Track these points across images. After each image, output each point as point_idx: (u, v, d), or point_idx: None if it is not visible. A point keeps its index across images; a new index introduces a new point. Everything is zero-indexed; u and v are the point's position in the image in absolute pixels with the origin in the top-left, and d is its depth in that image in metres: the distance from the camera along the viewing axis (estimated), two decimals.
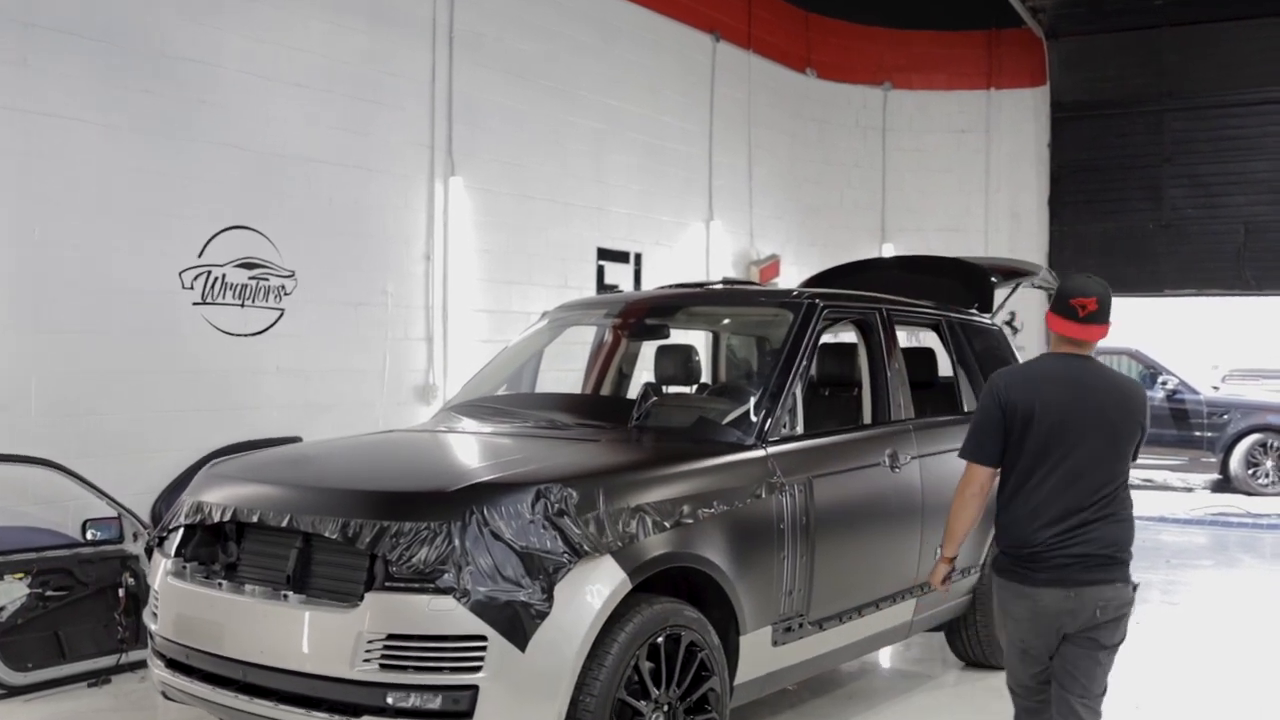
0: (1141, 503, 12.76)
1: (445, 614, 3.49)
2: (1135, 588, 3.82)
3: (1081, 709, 3.76)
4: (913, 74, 12.45)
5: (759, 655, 4.40)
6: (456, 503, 3.62)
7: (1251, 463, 14.48)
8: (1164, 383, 15.08)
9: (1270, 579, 9.21)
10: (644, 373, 6.16)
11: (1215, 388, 15.76)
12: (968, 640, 6.08)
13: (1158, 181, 11.81)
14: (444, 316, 7.94)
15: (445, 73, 7.88)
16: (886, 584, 5.18)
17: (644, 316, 5.70)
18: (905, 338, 7.82)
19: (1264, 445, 14.47)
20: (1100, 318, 3.80)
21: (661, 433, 4.67)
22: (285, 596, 3.72)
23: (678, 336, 6.05)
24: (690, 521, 4.04)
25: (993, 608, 4.04)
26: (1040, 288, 7.82)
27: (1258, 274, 11.34)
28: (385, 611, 3.52)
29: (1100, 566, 3.71)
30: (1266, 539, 11.25)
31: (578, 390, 6.32)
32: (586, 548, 3.66)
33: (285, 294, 6.86)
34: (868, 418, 5.43)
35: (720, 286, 5.89)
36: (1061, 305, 3.82)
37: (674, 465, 4.21)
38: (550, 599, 3.56)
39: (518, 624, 3.51)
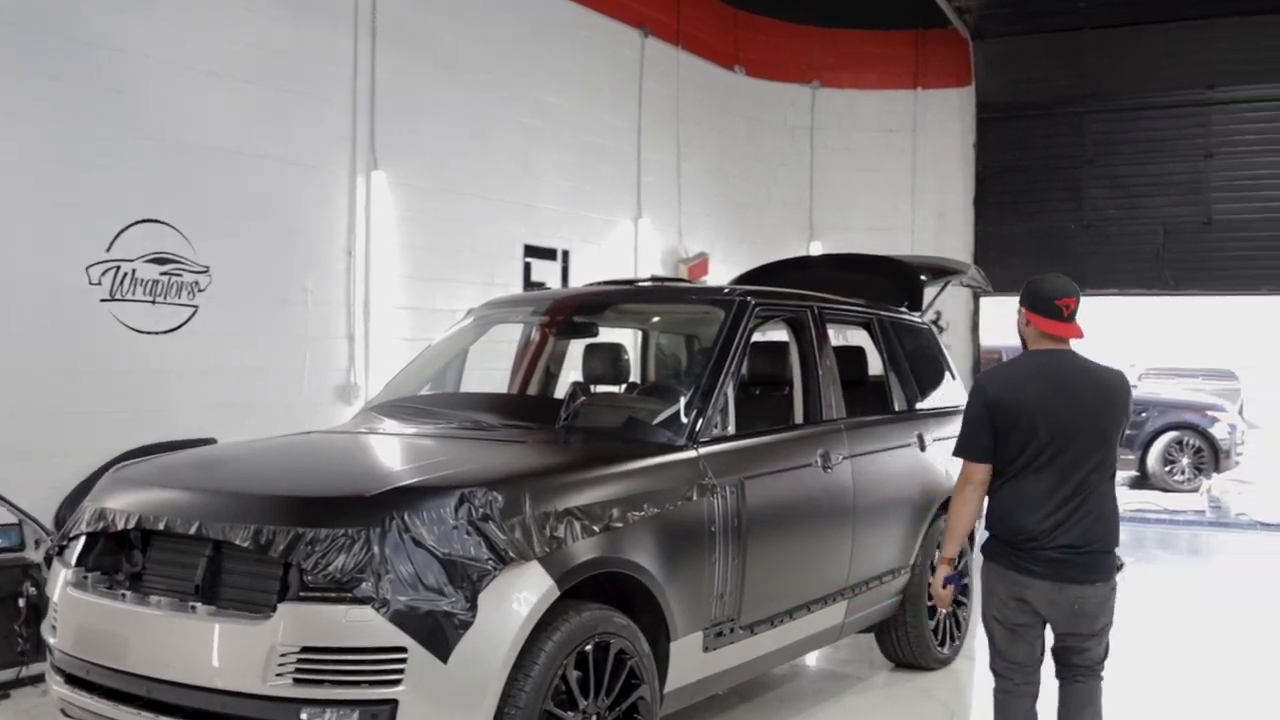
0: None
1: (363, 625, 3.33)
2: (1120, 567, 4.03)
3: (1089, 677, 4.07)
4: (841, 73, 12.45)
5: (690, 661, 4.30)
6: (375, 508, 3.46)
7: (1168, 460, 14.76)
8: None
9: (1185, 575, 9.35)
10: (572, 372, 6.02)
11: (1134, 386, 16.04)
12: (897, 641, 6.04)
13: (1079, 182, 11.94)
14: (366, 314, 7.72)
15: (369, 64, 7.67)
16: (818, 586, 5.11)
17: (572, 314, 5.57)
18: (835, 336, 7.78)
19: (1180, 443, 14.77)
20: (1077, 315, 4.02)
21: (590, 433, 4.55)
22: (193, 608, 3.53)
23: (606, 335, 5.94)
24: (620, 525, 3.93)
25: (980, 590, 4.15)
26: (968, 286, 7.84)
27: (1176, 274, 11.50)
28: (299, 623, 3.35)
29: (1085, 565, 3.87)
30: (1182, 535, 11.45)
31: (504, 390, 6.18)
32: (512, 554, 3.52)
33: (199, 290, 6.61)
34: (799, 417, 5.36)
35: (649, 283, 5.77)
36: (1046, 306, 3.97)
37: (603, 467, 4.09)
38: (474, 608, 3.42)
39: (440, 634, 3.36)
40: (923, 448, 6.05)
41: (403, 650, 3.32)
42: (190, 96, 6.56)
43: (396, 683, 3.32)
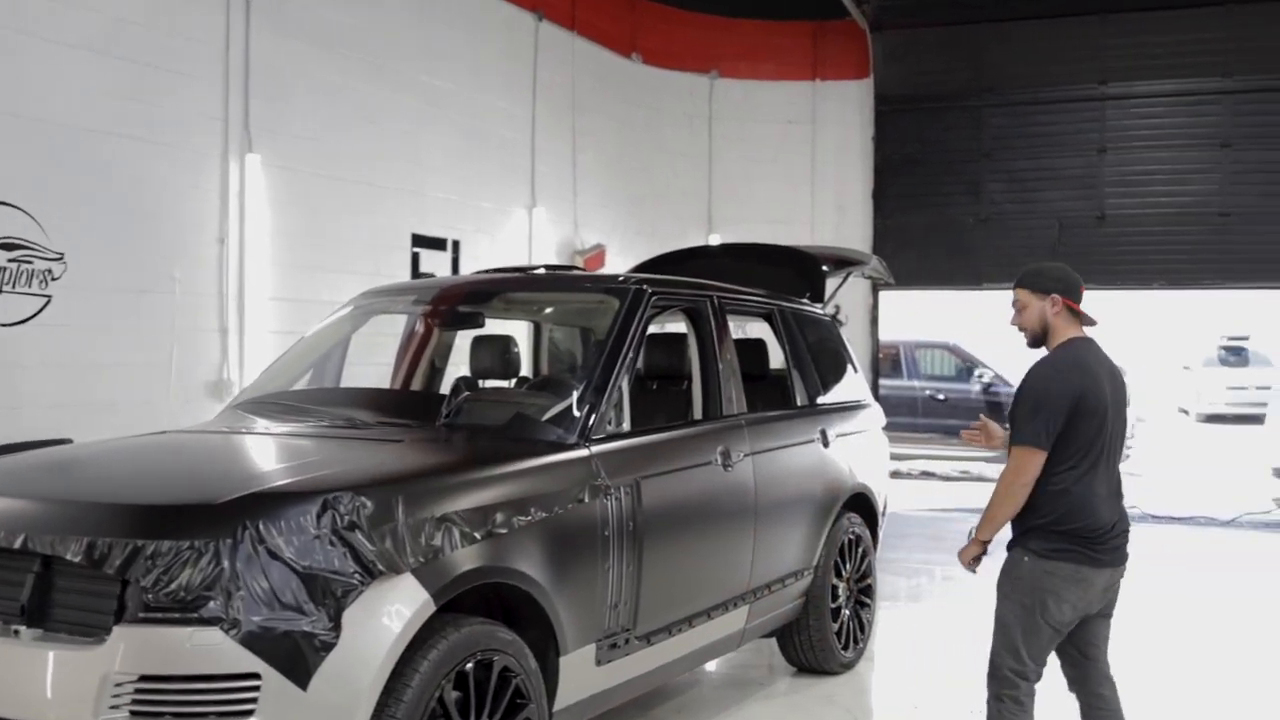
0: (958, 494, 12.93)
1: (210, 649, 2.95)
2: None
3: (1109, 670, 4.08)
4: (740, 63, 12.25)
5: (581, 676, 3.99)
6: (226, 517, 3.08)
7: None
8: (980, 376, 15.39)
9: None
10: (459, 366, 5.67)
11: None
12: (800, 645, 5.82)
13: (977, 176, 11.92)
14: (240, 306, 7.26)
15: (242, 39, 7.20)
16: (719, 591, 4.85)
17: (457, 304, 5.20)
18: (736, 328, 7.52)
19: None
20: None
21: (474, 432, 4.21)
22: (17, 632, 3.11)
23: (496, 326, 5.60)
24: (504, 531, 3.60)
25: (1014, 593, 3.95)
26: (870, 277, 7.68)
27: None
28: (138, 648, 2.96)
29: (1126, 543, 3.98)
30: None
31: (386, 385, 5.80)
32: (381, 566, 3.18)
33: (53, 279, 6.10)
34: (698, 413, 5.08)
35: (542, 272, 5.44)
36: (1077, 292, 4.00)
37: (486, 468, 3.76)
38: (338, 627, 3.07)
39: (298, 658, 3.00)
40: (826, 444, 5.83)
41: (256, 677, 2.95)
42: (43, 70, 6.04)
43: (249, 714, 2.95)
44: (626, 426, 4.40)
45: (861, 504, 6.18)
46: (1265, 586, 8.45)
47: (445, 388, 5.80)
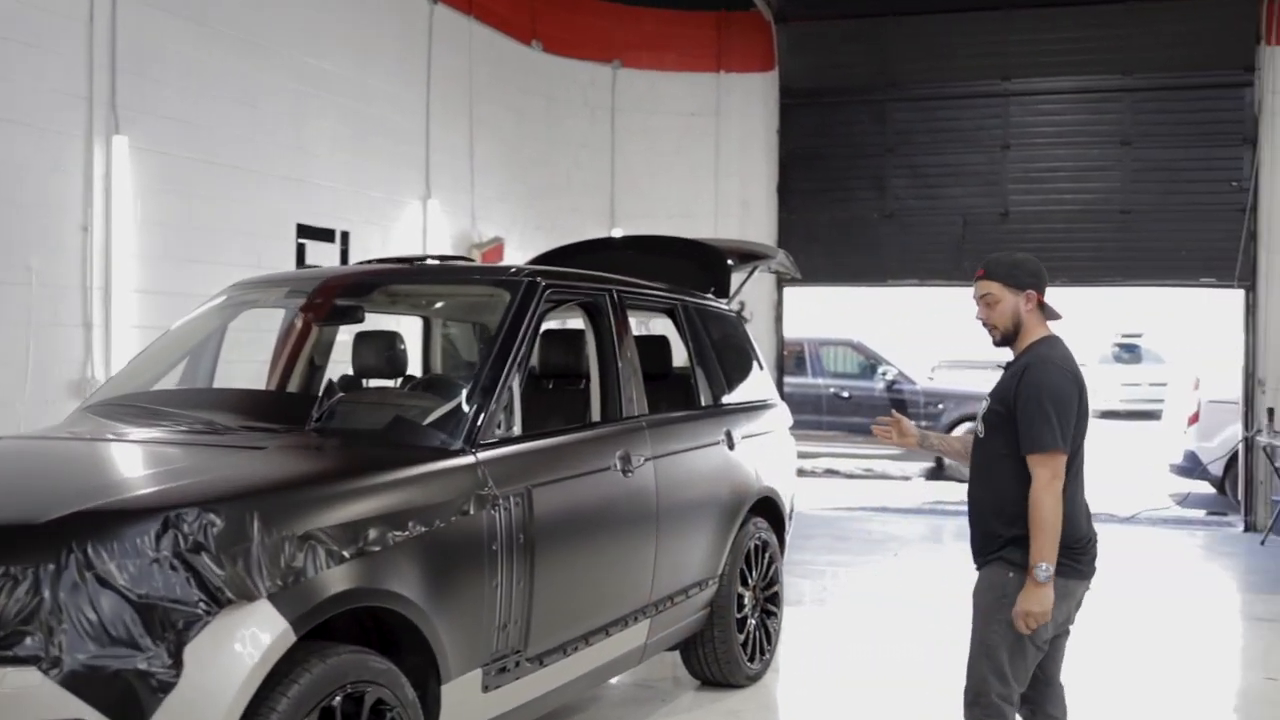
0: (862, 493, 12.82)
1: (26, 693, 2.56)
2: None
3: (1063, 692, 3.90)
4: (643, 52, 11.94)
5: (467, 705, 3.65)
6: (48, 539, 2.68)
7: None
8: (884, 373, 15.36)
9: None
10: (343, 364, 5.27)
11: (930, 377, 16.19)
12: (704, 658, 5.54)
13: (882, 172, 11.78)
14: (106, 299, 6.72)
15: (108, 12, 6.66)
16: (618, 605, 4.54)
17: (335, 297, 4.79)
18: (638, 325, 7.20)
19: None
20: None
21: (348, 437, 3.84)
22: None
23: (385, 322, 5.22)
24: (377, 549, 3.24)
25: (999, 612, 3.65)
26: (777, 272, 7.44)
27: (975, 265, 11.36)
28: None
29: (1096, 550, 3.80)
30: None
31: (262, 385, 5.37)
32: (230, 593, 2.80)
33: None
34: (597, 415, 4.76)
35: (433, 263, 5.05)
36: (1045, 285, 3.82)
37: (358, 478, 3.39)
38: (179, 664, 2.69)
39: (131, 700, 2.62)
40: (731, 446, 5.56)
41: None
42: None
43: None
44: (518, 430, 4.06)
45: (768, 508, 5.92)
46: (1166, 583, 8.43)
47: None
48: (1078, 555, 3.66)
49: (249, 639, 2.83)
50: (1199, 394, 12.45)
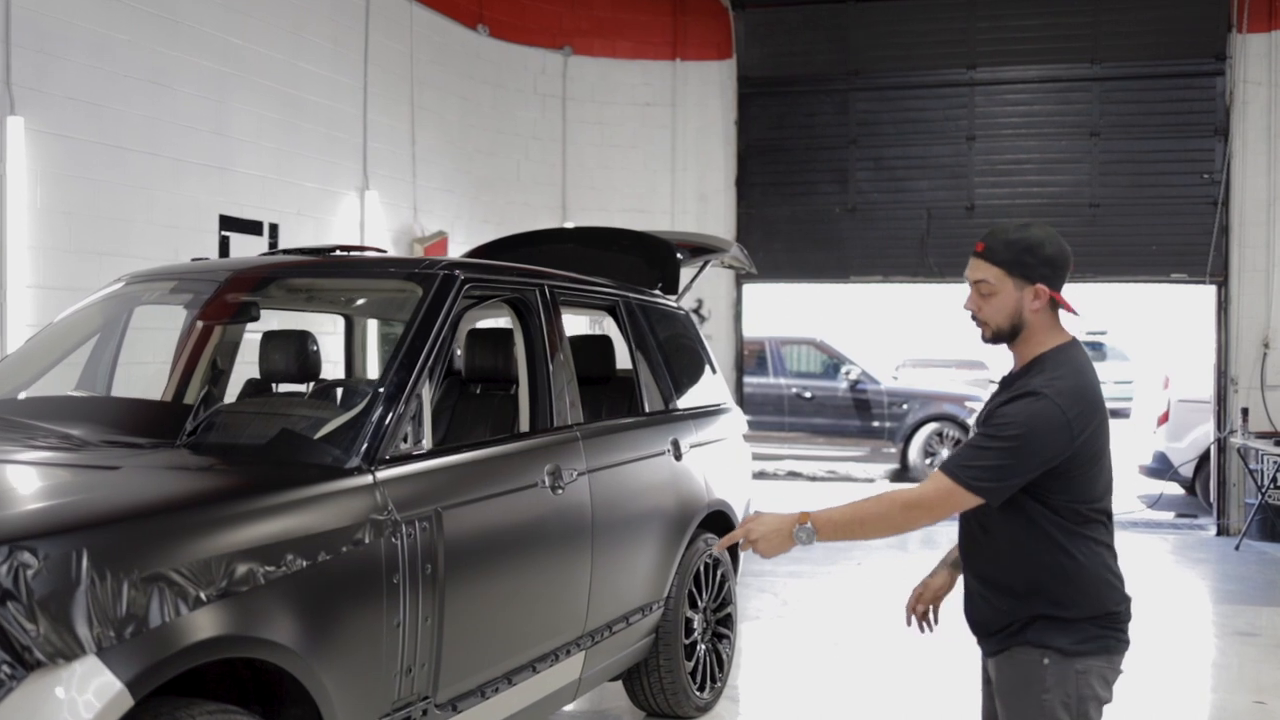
0: (825, 496, 12.38)
1: None
2: None
3: None
4: (595, 39, 11.43)
5: None
6: None
7: (929, 452, 14.52)
8: (847, 373, 14.94)
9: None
10: (251, 366, 4.74)
11: (895, 377, 15.80)
12: (649, 689, 5.06)
13: (844, 164, 11.35)
14: None
15: None
16: (546, 639, 4.04)
17: (225, 293, 4.25)
18: (584, 324, 6.73)
19: (940, 434, 14.56)
20: None
21: (225, 453, 3.32)
22: None
23: (295, 320, 4.70)
24: (244, 589, 2.73)
25: (1050, 704, 2.85)
26: (731, 267, 6.97)
27: (940, 261, 11.06)
28: None
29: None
30: (943, 532, 11.01)
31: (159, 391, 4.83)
32: (41, 653, 2.28)
33: None
34: (525, 424, 4.27)
35: (339, 254, 4.52)
36: (1064, 280, 2.92)
37: (226, 504, 2.87)
38: None
39: None
40: (679, 456, 5.07)
41: None
42: None
43: None
44: (428, 444, 3.55)
45: (720, 522, 5.43)
46: (1138, 593, 8.01)
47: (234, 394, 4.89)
48: (1110, 628, 2.91)
49: (69, 706, 2.31)
50: (1169, 393, 12.12)
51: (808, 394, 14.90)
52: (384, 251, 5.09)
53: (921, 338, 22.36)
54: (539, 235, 6.50)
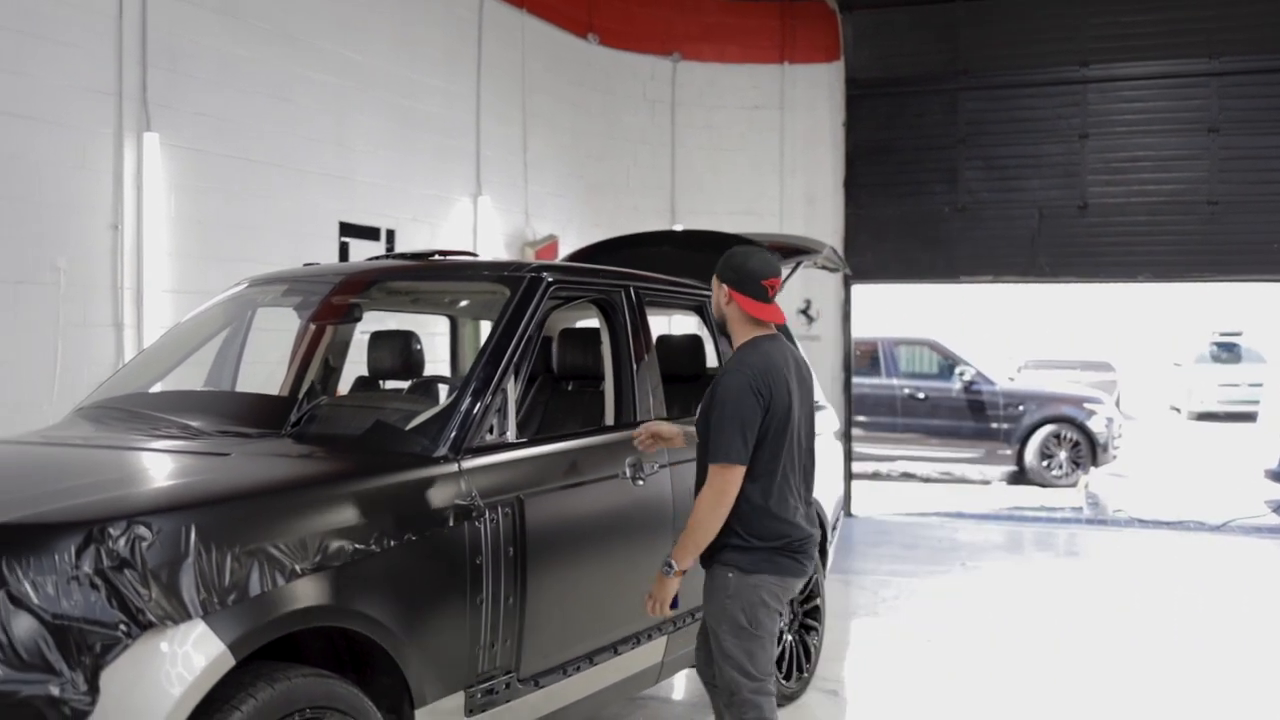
0: (940, 498, 12.31)
1: None
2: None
3: None
4: (703, 44, 11.62)
5: None
6: None
7: (1046, 454, 14.31)
8: (961, 374, 14.80)
9: (1060, 577, 8.72)
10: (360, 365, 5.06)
11: (1011, 378, 15.60)
12: None
13: (953, 164, 11.31)
14: (138, 299, 6.64)
15: (137, 6, 6.57)
16: (628, 622, 4.25)
17: (331, 296, 4.57)
18: (673, 323, 6.93)
19: (1058, 436, 14.33)
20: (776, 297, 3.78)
21: (324, 443, 3.61)
22: None
23: (403, 321, 4.99)
24: (337, 564, 3.00)
25: (731, 608, 3.68)
26: (824, 267, 7.07)
27: (1051, 261, 10.95)
28: None
29: (814, 546, 3.81)
30: (1060, 534, 10.90)
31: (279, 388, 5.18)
32: (152, 615, 2.57)
33: None
34: (610, 419, 4.48)
35: (437, 258, 4.81)
36: (754, 287, 3.73)
37: (320, 487, 3.16)
38: (94, 690, 2.47)
39: None
40: None
41: None
42: None
43: None
44: (511, 436, 3.79)
45: None
46: (1259, 603, 7.85)
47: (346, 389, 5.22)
48: (782, 553, 3.67)
49: (177, 663, 2.60)
50: None
51: (921, 395, 14.81)
52: (476, 255, 5.36)
53: (1044, 339, 21.95)
54: (638, 238, 6.71)
